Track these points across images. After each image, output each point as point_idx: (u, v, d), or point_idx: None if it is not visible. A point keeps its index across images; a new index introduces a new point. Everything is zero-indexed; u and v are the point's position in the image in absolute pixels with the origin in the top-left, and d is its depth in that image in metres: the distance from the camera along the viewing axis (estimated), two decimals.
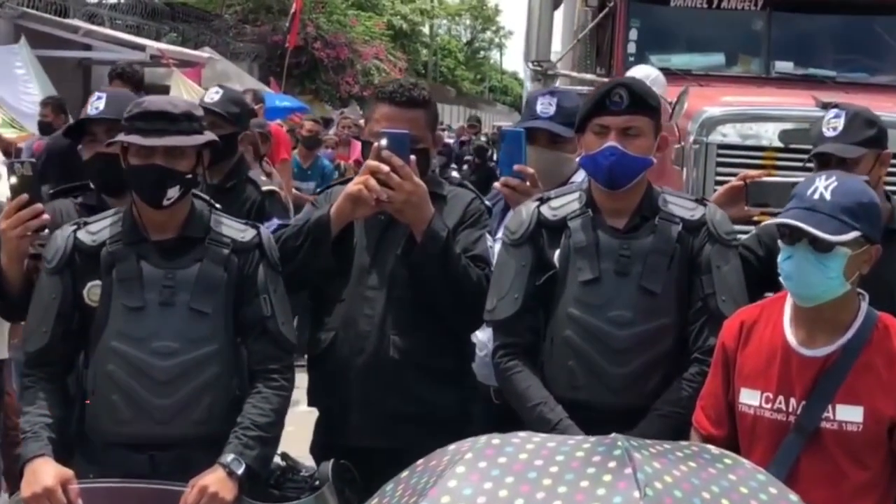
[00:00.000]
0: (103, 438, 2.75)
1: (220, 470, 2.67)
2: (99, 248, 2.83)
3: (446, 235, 2.98)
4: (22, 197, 2.90)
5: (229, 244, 2.88)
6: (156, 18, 19.89)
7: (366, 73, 26.66)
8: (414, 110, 3.11)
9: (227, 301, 2.84)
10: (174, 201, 2.80)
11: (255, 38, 23.74)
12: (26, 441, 2.68)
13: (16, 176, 2.94)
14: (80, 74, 16.48)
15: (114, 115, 3.07)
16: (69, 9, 16.65)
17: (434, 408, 3.07)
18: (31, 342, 2.83)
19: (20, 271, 2.92)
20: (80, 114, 8.67)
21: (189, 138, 2.82)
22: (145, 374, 2.73)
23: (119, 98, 3.19)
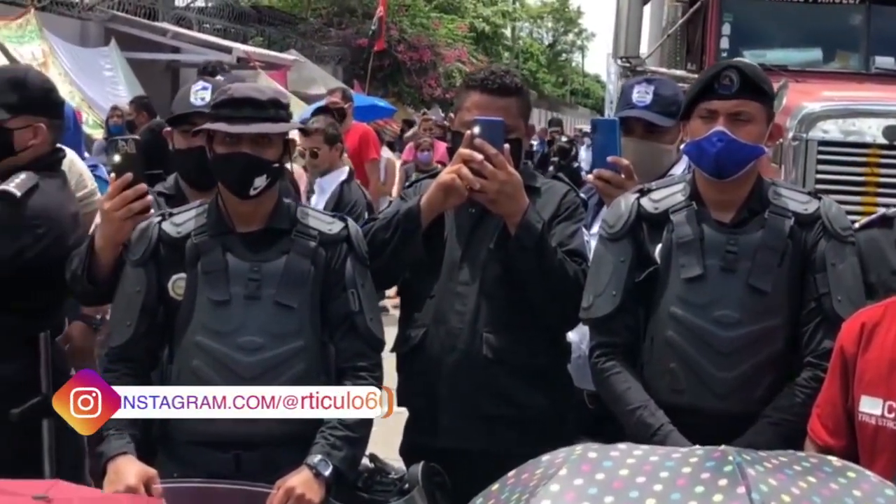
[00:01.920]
0: (187, 437, 2.66)
1: (306, 471, 2.57)
2: (184, 239, 2.75)
3: (542, 228, 2.85)
4: (126, 176, 2.81)
5: (316, 237, 2.78)
6: (242, 21, 20.14)
7: (448, 75, 26.70)
8: (506, 98, 2.99)
9: (314, 295, 2.74)
10: (261, 191, 2.72)
11: (340, 41, 23.93)
12: (109, 438, 2.61)
13: (119, 154, 2.84)
14: (169, 77, 16.74)
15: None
16: (158, 12, 16.91)
17: (527, 409, 2.94)
18: (115, 336, 2.76)
19: (114, 256, 2.84)
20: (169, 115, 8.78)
21: (276, 126, 2.73)
22: (230, 369, 2.64)
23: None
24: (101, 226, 2.86)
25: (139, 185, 2.83)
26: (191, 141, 3.06)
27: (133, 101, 9.17)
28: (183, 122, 3.13)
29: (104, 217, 2.84)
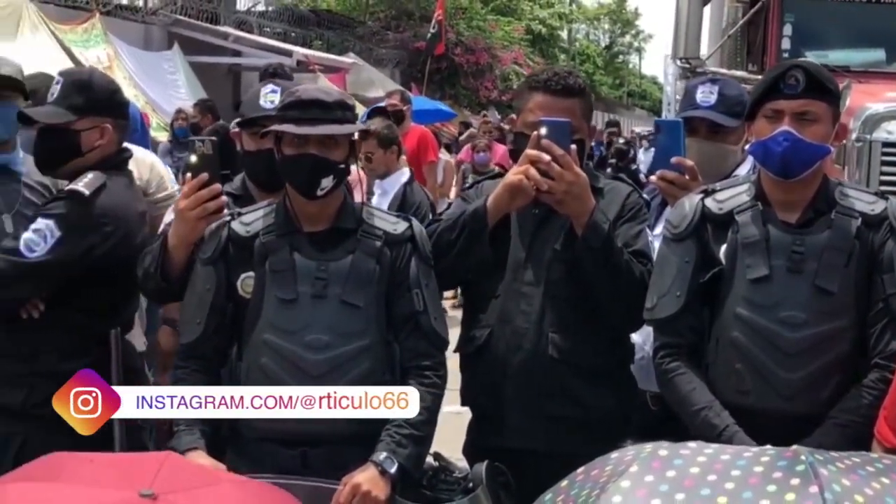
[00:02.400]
0: (255, 433, 2.71)
1: (372, 468, 2.60)
2: (252, 239, 2.80)
3: (608, 228, 2.85)
4: (202, 176, 2.85)
5: (382, 237, 2.82)
6: (302, 25, 20.31)
7: (504, 78, 26.68)
8: (570, 99, 3.00)
9: (379, 295, 2.78)
10: (327, 191, 2.76)
11: (397, 45, 24.03)
12: (179, 434, 2.66)
13: (196, 154, 2.88)
14: (230, 80, 16.93)
15: None
16: (220, 16, 17.11)
17: (592, 410, 2.94)
18: (185, 333, 2.81)
19: (186, 254, 2.88)
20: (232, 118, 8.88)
21: (342, 127, 2.77)
22: (298, 367, 2.68)
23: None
24: (174, 224, 2.92)
25: (214, 185, 2.87)
26: (260, 143, 3.11)
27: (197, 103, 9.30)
28: (252, 125, 3.17)
29: (178, 216, 2.89)
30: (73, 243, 3.05)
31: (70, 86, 3.18)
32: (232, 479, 2.39)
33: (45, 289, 3.08)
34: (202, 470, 2.41)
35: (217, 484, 2.24)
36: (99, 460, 2.28)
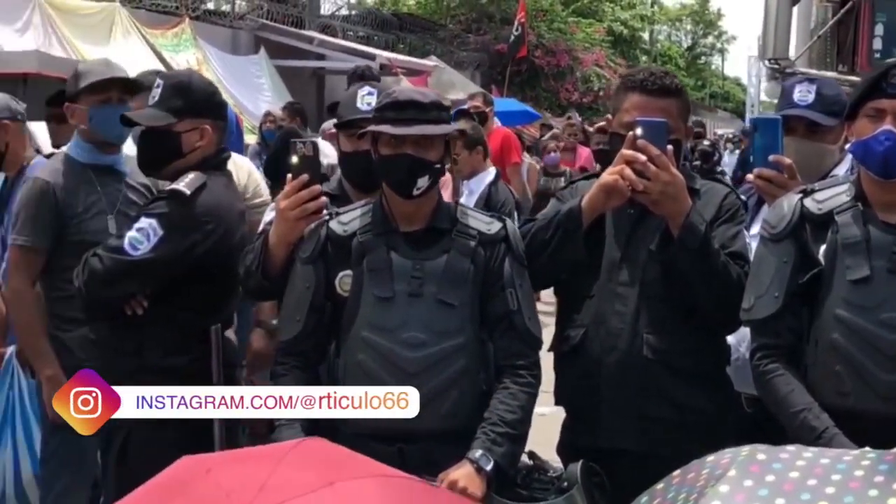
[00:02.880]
0: (354, 429, 2.74)
1: (468, 465, 2.62)
2: (350, 238, 2.84)
3: (705, 229, 2.83)
4: (302, 177, 2.90)
5: (476, 236, 2.84)
6: (384, 29, 20.46)
7: (585, 80, 26.54)
8: (666, 99, 2.98)
9: (474, 294, 2.80)
10: (423, 191, 2.79)
11: (478, 47, 24.07)
12: (280, 429, 2.71)
13: (297, 155, 2.93)
14: (315, 83, 17.12)
15: None
16: (304, 20, 17.32)
17: (688, 412, 2.92)
18: (285, 330, 2.86)
19: (286, 253, 2.93)
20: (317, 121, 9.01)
21: (438, 127, 2.80)
22: (395, 364, 2.71)
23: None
24: (275, 224, 2.97)
25: (314, 186, 2.92)
26: (356, 144, 3.15)
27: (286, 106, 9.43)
28: (349, 127, 3.22)
29: (279, 216, 2.94)
30: (176, 241, 3.13)
31: (170, 88, 3.27)
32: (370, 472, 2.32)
33: (149, 286, 3.16)
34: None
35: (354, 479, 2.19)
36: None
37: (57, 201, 3.65)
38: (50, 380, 3.63)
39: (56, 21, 10.80)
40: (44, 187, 3.66)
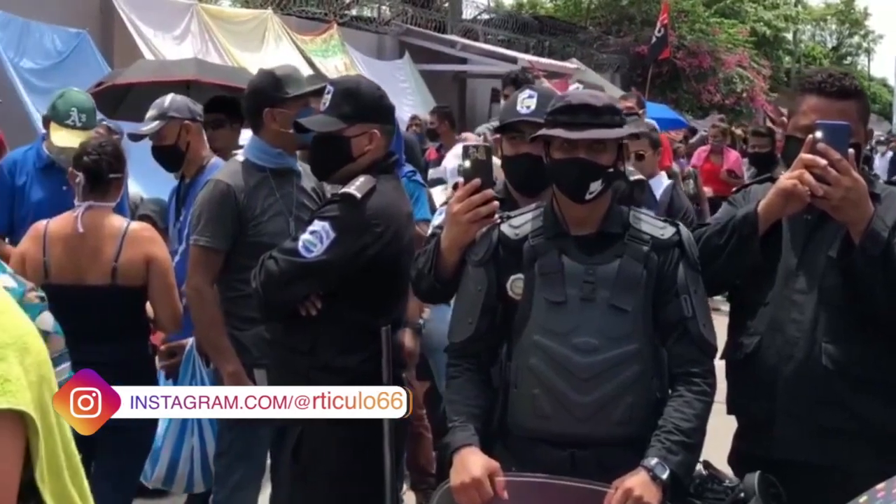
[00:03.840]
0: (525, 432, 2.74)
1: (643, 473, 2.59)
2: (522, 241, 2.83)
3: (888, 236, 2.74)
4: (475, 181, 2.92)
5: (649, 241, 2.80)
6: (525, 32, 20.46)
7: (728, 81, 26.00)
8: (845, 101, 2.89)
9: (647, 299, 2.76)
10: (596, 195, 2.77)
11: (618, 49, 23.85)
12: (454, 430, 2.72)
13: (469, 160, 2.95)
14: (456, 87, 17.24)
15: (543, 117, 3.07)
16: (446, 25, 17.46)
17: (869, 423, 2.82)
18: (457, 332, 2.88)
19: (458, 257, 2.95)
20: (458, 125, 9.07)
21: (611, 131, 2.77)
22: (567, 369, 2.70)
23: (550, 99, 3.18)
24: (447, 227, 2.99)
25: (486, 190, 2.93)
26: (517, 147, 3.15)
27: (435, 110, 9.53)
28: (510, 130, 3.22)
29: (450, 219, 2.95)
30: (347, 243, 3.19)
31: (340, 94, 3.33)
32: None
33: (322, 287, 3.23)
34: None
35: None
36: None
37: (237, 204, 3.75)
38: (231, 376, 3.74)
39: (213, 28, 11.17)
40: (225, 190, 3.77)
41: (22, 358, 1.86)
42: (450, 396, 2.82)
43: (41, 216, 4.22)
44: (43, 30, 9.37)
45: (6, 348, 1.84)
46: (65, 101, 4.85)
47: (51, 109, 4.86)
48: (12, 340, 1.86)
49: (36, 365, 1.90)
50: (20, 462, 1.87)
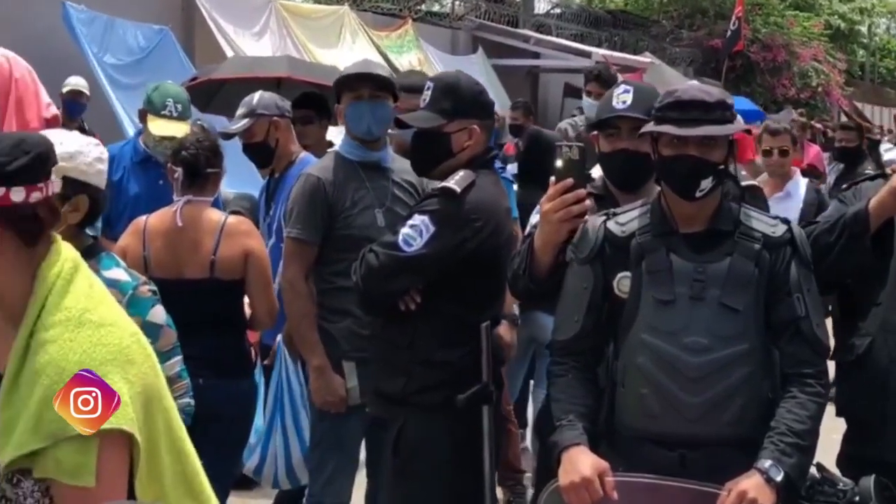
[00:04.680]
0: (632, 432, 2.71)
1: (757, 475, 2.54)
2: (628, 239, 2.80)
3: None
4: (567, 181, 2.90)
5: (760, 239, 2.75)
6: (598, 26, 20.31)
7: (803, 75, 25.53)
8: None
9: (758, 298, 2.71)
10: (706, 193, 2.72)
11: (691, 43, 23.55)
12: (562, 429, 2.70)
13: (562, 159, 2.93)
14: (529, 82, 17.15)
15: (641, 112, 3.04)
16: (519, 19, 17.39)
17: None
18: (562, 330, 2.85)
19: (553, 256, 2.93)
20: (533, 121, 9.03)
21: (723, 128, 2.73)
22: (676, 369, 2.66)
23: (646, 93, 3.15)
24: (540, 227, 2.97)
25: (579, 189, 2.90)
26: (615, 144, 3.12)
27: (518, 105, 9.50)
28: (606, 126, 3.18)
29: (543, 218, 2.94)
30: (447, 238, 3.18)
31: (439, 90, 3.33)
32: None
33: (422, 281, 3.23)
34: None
35: None
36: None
37: (327, 196, 3.78)
38: (317, 369, 3.77)
39: (290, 25, 11.26)
40: (316, 183, 3.80)
41: (125, 372, 1.90)
42: (555, 395, 2.80)
43: (138, 210, 4.28)
44: (126, 27, 9.52)
45: (107, 364, 1.87)
46: (160, 92, 4.92)
47: (147, 102, 4.94)
48: (113, 356, 1.88)
49: (140, 375, 1.93)
50: (126, 476, 1.92)
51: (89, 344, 1.87)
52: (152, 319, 2.92)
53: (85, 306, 1.91)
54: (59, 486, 1.85)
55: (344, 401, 3.75)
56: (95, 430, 1.82)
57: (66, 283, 1.90)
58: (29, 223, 1.88)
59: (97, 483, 1.85)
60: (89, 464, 1.84)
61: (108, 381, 1.85)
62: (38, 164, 1.88)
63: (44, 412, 1.83)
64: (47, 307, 1.87)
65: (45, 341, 1.85)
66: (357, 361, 3.74)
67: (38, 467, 1.85)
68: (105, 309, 1.95)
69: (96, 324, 1.90)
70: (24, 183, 1.86)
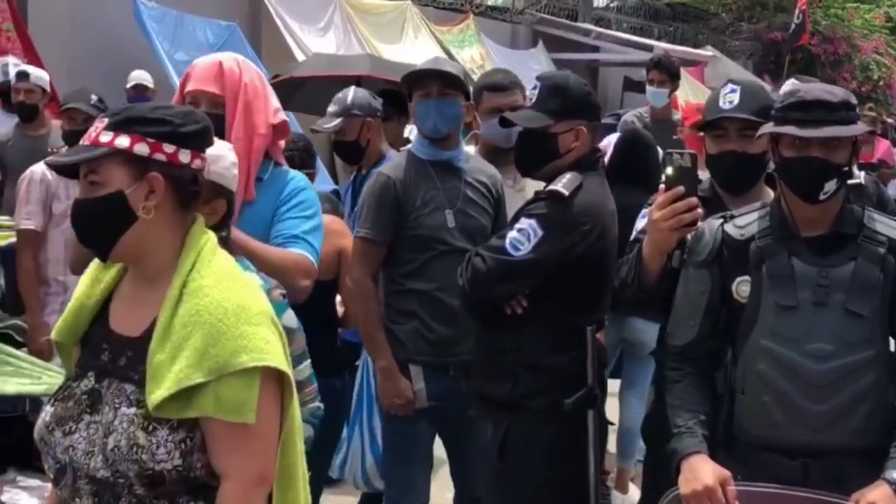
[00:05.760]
0: (752, 440, 2.66)
1: (885, 487, 2.48)
2: (747, 242, 2.74)
3: None
4: (678, 188, 2.86)
5: (885, 243, 2.67)
6: (657, 19, 20.13)
7: (864, 67, 25.13)
8: None
9: (883, 304, 2.64)
10: (829, 195, 2.65)
11: (751, 36, 23.28)
12: (681, 436, 2.66)
13: (672, 167, 2.89)
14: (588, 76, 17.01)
15: (749, 112, 2.98)
16: (578, 13, 17.28)
17: None
18: (678, 335, 2.80)
19: (662, 264, 2.90)
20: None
21: (847, 129, 2.66)
22: (799, 376, 2.60)
23: (754, 92, 3.08)
24: (649, 234, 2.93)
25: (690, 198, 2.85)
26: (722, 145, 3.06)
27: None
28: (713, 127, 3.12)
29: (653, 226, 2.90)
30: (555, 242, 3.14)
31: (547, 90, 3.28)
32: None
33: (529, 286, 3.19)
34: None
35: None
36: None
37: (397, 196, 3.71)
38: (383, 370, 3.72)
39: (354, 20, 11.25)
40: (386, 182, 3.74)
41: (272, 328, 2.00)
42: (672, 401, 2.75)
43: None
44: (196, 23, 9.56)
45: (261, 315, 1.98)
46: None
47: None
48: (264, 312, 2.00)
49: (280, 338, 2.02)
50: (278, 423, 2.01)
51: (245, 296, 1.99)
52: (286, 323, 2.88)
53: (234, 268, 2.06)
54: (216, 426, 1.93)
55: (411, 403, 3.70)
56: (259, 364, 1.91)
57: (214, 249, 2.05)
58: (187, 186, 2.03)
59: (256, 421, 1.92)
60: (251, 400, 1.92)
61: (264, 328, 1.96)
62: (205, 134, 2.05)
63: (208, 348, 1.91)
64: (201, 260, 2.00)
65: (204, 286, 1.96)
66: (423, 365, 3.70)
67: (195, 406, 1.91)
68: (250, 279, 2.10)
69: (247, 284, 2.04)
70: (191, 147, 2.02)
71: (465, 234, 3.63)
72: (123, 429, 1.94)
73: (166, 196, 2.00)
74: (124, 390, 1.98)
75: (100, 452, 1.95)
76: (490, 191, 3.85)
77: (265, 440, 1.98)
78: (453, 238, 3.67)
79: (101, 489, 1.97)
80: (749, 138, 3.01)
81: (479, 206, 3.78)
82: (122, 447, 1.93)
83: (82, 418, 2.00)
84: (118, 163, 1.97)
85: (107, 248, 2.00)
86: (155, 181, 1.98)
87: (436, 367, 3.67)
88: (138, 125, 1.98)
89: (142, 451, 1.92)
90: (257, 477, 1.98)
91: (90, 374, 2.05)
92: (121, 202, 1.97)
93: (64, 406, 2.03)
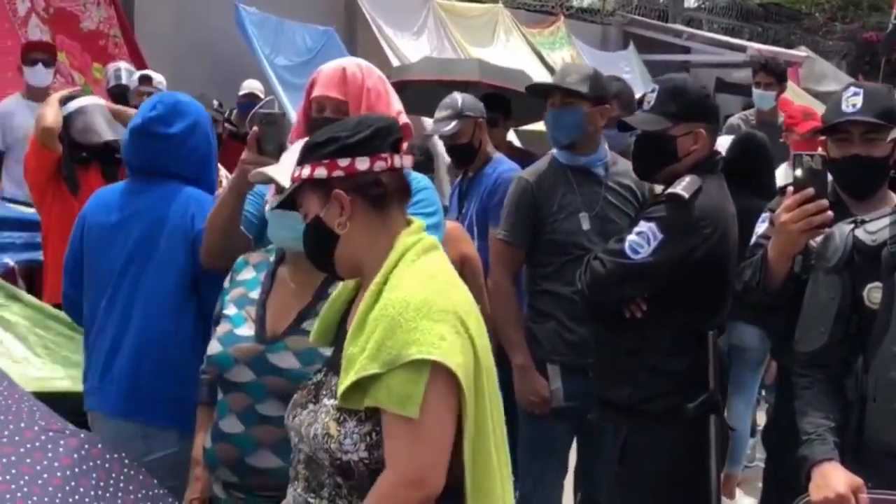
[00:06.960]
0: (883, 447, 2.62)
1: None
2: (879, 248, 2.70)
3: None
4: (808, 190, 2.83)
5: None
6: (749, 20, 19.86)
7: None
8: None
9: None
10: None
11: (844, 36, 22.81)
12: (811, 443, 2.63)
13: (802, 168, 2.87)
14: None
15: (872, 115, 2.94)
16: (669, 14, 17.13)
17: None
18: (806, 342, 2.78)
19: (787, 268, 2.88)
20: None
21: None
22: None
23: (877, 95, 3.04)
24: (775, 237, 2.91)
25: (821, 200, 2.83)
26: (846, 149, 3.01)
27: None
28: (836, 131, 3.08)
29: (780, 228, 2.87)
30: (675, 245, 3.14)
31: (665, 93, 3.28)
32: None
33: (649, 289, 3.19)
34: None
35: None
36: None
37: (535, 200, 3.80)
38: (520, 369, 3.80)
39: (447, 24, 11.32)
40: (525, 186, 3.84)
41: (458, 327, 2.02)
42: (801, 408, 2.73)
43: None
44: (294, 28, 9.70)
45: (445, 313, 2.01)
46: None
47: None
48: (452, 310, 2.02)
49: (469, 340, 2.03)
50: (453, 422, 2.00)
51: (434, 292, 2.03)
52: None
53: (438, 269, 2.11)
54: (386, 416, 1.98)
55: (547, 402, 3.76)
56: (426, 357, 1.94)
57: (423, 250, 2.11)
58: (373, 188, 2.11)
59: (421, 415, 1.94)
60: (416, 395, 1.95)
61: (444, 325, 1.98)
62: (379, 137, 2.11)
63: (386, 340, 1.97)
64: (405, 259, 2.07)
65: (399, 284, 2.03)
66: (560, 364, 3.74)
67: (370, 395, 1.98)
68: (455, 280, 2.14)
69: (445, 281, 2.09)
70: (367, 153, 2.09)
71: (602, 238, 3.65)
72: (321, 419, 2.05)
73: (355, 206, 2.10)
74: (333, 382, 2.09)
75: (307, 440, 2.07)
76: (634, 194, 3.87)
77: (430, 442, 1.96)
78: (590, 242, 3.70)
79: (311, 474, 2.10)
80: (873, 141, 2.97)
81: (621, 210, 3.82)
82: (319, 436, 2.04)
83: (307, 406, 2.12)
84: (309, 192, 2.14)
85: (330, 267, 2.17)
86: (339, 198, 2.10)
87: (573, 367, 3.71)
88: (314, 152, 2.13)
89: (331, 440, 2.02)
90: (414, 477, 1.96)
91: (325, 367, 2.20)
92: (320, 225, 2.13)
93: (301, 394, 2.18)
